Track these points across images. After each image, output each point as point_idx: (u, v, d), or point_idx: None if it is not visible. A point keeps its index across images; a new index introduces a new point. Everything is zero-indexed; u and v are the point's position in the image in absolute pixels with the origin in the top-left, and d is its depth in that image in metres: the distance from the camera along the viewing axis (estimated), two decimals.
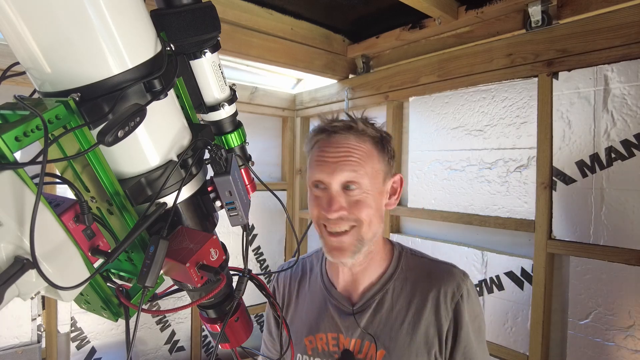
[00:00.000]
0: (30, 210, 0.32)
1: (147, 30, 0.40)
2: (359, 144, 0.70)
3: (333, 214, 0.67)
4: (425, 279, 0.73)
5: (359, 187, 0.68)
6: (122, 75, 0.37)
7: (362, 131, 0.71)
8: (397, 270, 0.75)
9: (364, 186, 0.68)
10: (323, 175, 0.69)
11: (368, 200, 0.69)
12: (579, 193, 1.09)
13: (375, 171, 0.71)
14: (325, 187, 0.70)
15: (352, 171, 0.68)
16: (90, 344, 1.52)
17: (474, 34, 1.32)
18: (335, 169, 0.68)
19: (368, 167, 0.69)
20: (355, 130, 0.71)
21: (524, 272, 1.20)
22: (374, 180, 0.70)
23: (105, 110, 0.37)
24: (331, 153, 0.69)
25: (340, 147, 0.69)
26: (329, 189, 0.69)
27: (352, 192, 0.69)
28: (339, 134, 0.70)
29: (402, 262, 0.76)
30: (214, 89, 0.51)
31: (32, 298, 0.38)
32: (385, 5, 1.34)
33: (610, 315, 1.04)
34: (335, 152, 0.69)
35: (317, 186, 0.71)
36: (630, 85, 1.01)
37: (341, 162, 0.68)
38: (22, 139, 0.33)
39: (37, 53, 0.35)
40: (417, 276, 0.73)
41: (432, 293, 0.70)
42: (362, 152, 0.70)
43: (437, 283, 0.71)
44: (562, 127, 1.12)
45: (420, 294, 0.71)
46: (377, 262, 0.75)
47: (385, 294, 0.73)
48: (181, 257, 0.41)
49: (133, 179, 0.42)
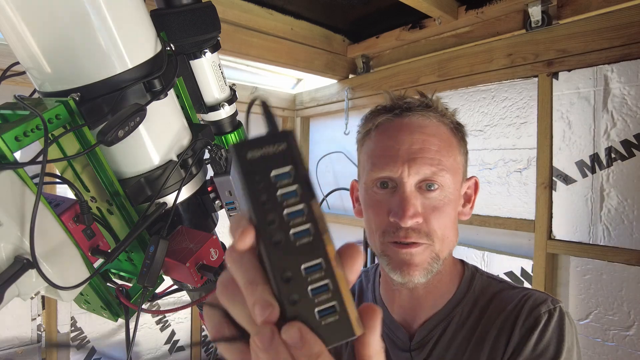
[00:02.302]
0: (30, 210, 0.32)
1: (147, 30, 0.40)
2: (438, 129, 0.53)
3: (407, 221, 0.50)
4: (497, 304, 0.54)
5: (440, 187, 0.52)
6: (122, 75, 0.37)
7: (442, 112, 0.55)
8: (467, 294, 0.57)
9: (445, 186, 0.52)
10: (393, 170, 0.51)
11: (448, 207, 0.53)
12: (578, 193, 1.09)
13: (456, 167, 0.55)
14: (394, 186, 0.53)
15: (432, 165, 0.51)
16: (91, 343, 1.52)
17: (474, 34, 1.32)
18: (411, 162, 0.51)
19: (450, 160, 0.53)
20: (434, 110, 0.54)
21: (524, 272, 1.20)
22: (455, 178, 0.54)
23: (105, 110, 0.37)
24: (404, 139, 0.52)
25: (415, 132, 0.52)
26: (401, 188, 0.51)
27: (431, 193, 0.52)
28: (413, 113, 0.53)
29: (474, 285, 0.57)
30: (214, 88, 0.51)
31: (32, 298, 0.38)
32: (385, 5, 1.34)
33: (610, 316, 1.04)
34: (409, 138, 0.52)
35: (383, 185, 0.53)
36: (630, 85, 1.01)
37: (418, 154, 0.51)
38: (22, 139, 0.33)
39: (37, 53, 0.35)
40: (488, 301, 0.55)
41: (499, 319, 0.52)
42: (442, 140, 0.53)
43: (510, 309, 0.52)
44: (562, 127, 1.12)
45: (487, 321, 0.53)
46: (444, 285, 0.57)
47: (449, 324, 0.55)
48: (181, 257, 0.41)
49: (133, 178, 0.42)
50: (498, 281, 0.58)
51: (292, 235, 0.21)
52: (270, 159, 0.21)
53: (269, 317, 0.20)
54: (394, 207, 0.51)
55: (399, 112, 0.54)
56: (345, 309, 0.21)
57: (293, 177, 0.21)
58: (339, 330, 0.21)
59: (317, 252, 0.21)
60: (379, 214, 0.53)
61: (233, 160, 0.21)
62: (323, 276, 0.21)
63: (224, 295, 0.23)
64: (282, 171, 0.21)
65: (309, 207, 0.21)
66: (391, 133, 0.53)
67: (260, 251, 0.21)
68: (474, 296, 0.56)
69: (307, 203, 0.21)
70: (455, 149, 0.55)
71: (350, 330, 0.21)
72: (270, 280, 0.21)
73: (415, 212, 0.51)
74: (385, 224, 0.53)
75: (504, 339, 0.51)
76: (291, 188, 0.21)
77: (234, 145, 0.21)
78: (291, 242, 0.21)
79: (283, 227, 0.21)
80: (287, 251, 0.20)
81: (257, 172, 0.21)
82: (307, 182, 0.21)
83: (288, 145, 0.21)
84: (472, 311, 0.55)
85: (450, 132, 0.55)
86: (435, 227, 0.52)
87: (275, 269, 0.20)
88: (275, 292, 0.20)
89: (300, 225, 0.21)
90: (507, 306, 0.53)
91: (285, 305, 0.20)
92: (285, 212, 0.21)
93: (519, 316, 0.51)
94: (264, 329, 0.20)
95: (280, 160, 0.21)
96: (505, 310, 0.53)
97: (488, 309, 0.54)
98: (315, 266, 0.21)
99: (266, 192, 0.21)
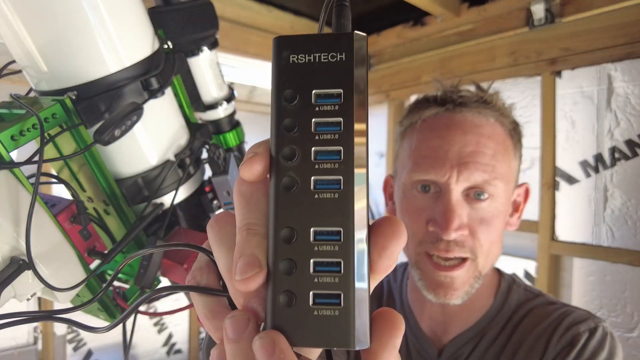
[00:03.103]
0: (26, 211, 0.31)
1: (144, 27, 0.39)
2: (494, 130, 0.47)
3: (451, 233, 0.44)
4: (532, 320, 0.49)
5: (490, 197, 0.46)
6: (119, 74, 0.37)
7: (501, 111, 0.48)
8: (502, 309, 0.51)
9: (497, 196, 0.46)
10: (439, 174, 0.45)
11: (497, 220, 0.47)
12: (582, 193, 1.08)
13: (510, 174, 0.49)
14: (438, 191, 0.47)
15: (484, 174, 0.45)
16: (87, 346, 1.52)
17: (477, 31, 1.31)
18: (462, 167, 0.45)
19: (504, 167, 0.47)
20: (492, 107, 0.48)
21: (527, 274, 1.19)
22: (507, 187, 0.48)
23: (102, 109, 0.36)
24: (455, 140, 0.45)
25: (469, 132, 0.46)
26: (447, 195, 0.45)
27: (480, 203, 0.46)
28: (468, 110, 0.47)
29: (511, 300, 0.52)
30: (212, 87, 0.51)
31: (28, 299, 0.38)
32: (387, 2, 1.33)
33: (613, 317, 1.03)
34: (461, 138, 0.45)
35: (424, 189, 0.47)
36: (634, 84, 1.00)
37: (471, 158, 0.45)
38: (18, 138, 0.32)
39: (33, 51, 0.35)
40: (523, 317, 0.50)
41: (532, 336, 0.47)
42: (498, 143, 0.47)
43: (545, 325, 0.47)
44: (566, 126, 1.11)
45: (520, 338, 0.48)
46: (480, 300, 0.51)
47: (480, 340, 0.50)
48: (179, 258, 0.41)
49: (130, 178, 0.41)
50: (536, 295, 0.52)
51: (313, 182, 0.15)
52: (318, 70, 0.15)
53: (248, 281, 0.15)
54: (436, 216, 0.45)
55: (451, 106, 0.47)
56: (350, 306, 0.15)
57: (340, 106, 0.15)
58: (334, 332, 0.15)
59: (340, 216, 0.15)
60: (417, 220, 0.47)
61: (272, 60, 0.16)
62: (337, 252, 0.15)
63: (214, 230, 0.18)
64: (328, 92, 0.15)
65: (349, 151, 0.15)
66: (441, 131, 0.46)
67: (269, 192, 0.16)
68: (509, 311, 0.50)
69: (349, 145, 0.15)
70: (510, 154, 0.49)
71: (347, 338, 0.15)
72: (269, 233, 0.16)
73: (460, 224, 0.45)
74: (422, 232, 0.47)
75: (536, 357, 0.46)
76: (333, 119, 0.15)
77: (277, 39, 0.16)
78: (310, 193, 0.15)
79: (306, 168, 0.15)
80: (301, 202, 0.15)
81: (295, 83, 0.15)
82: None
83: (348, 56, 0.15)
84: (505, 327, 0.50)
85: (507, 134, 0.49)
86: (482, 242, 0.46)
87: (278, 222, 0.15)
88: (268, 251, 0.15)
89: (329, 174, 0.15)
90: (542, 322, 0.47)
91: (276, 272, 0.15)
92: (314, 150, 0.15)
93: (554, 333, 0.46)
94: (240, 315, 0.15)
95: (331, 77, 0.15)
96: (539, 327, 0.47)
97: (522, 324, 0.49)
98: (331, 234, 0.15)
99: (298, 115, 0.15)
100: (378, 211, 1.64)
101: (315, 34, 0.16)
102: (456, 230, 0.44)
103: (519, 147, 0.52)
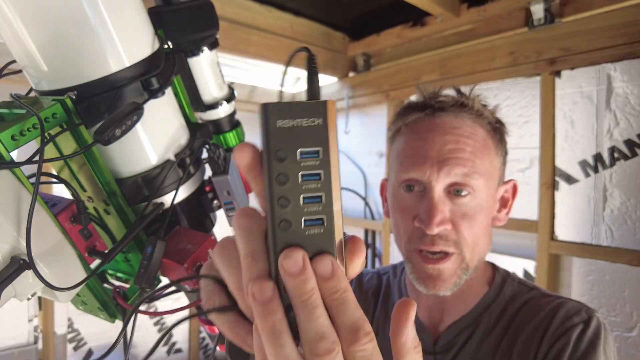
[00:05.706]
0: (27, 210, 0.31)
1: (144, 27, 0.39)
2: (473, 130, 0.50)
3: (433, 228, 0.48)
4: (527, 312, 0.51)
5: (471, 192, 0.49)
6: (119, 74, 0.37)
7: (479, 112, 0.52)
8: (496, 300, 0.54)
9: (477, 192, 0.49)
10: (421, 172, 0.49)
11: (480, 214, 0.50)
12: (581, 193, 1.08)
13: (492, 171, 0.52)
14: (422, 189, 0.50)
15: (464, 169, 0.48)
16: (87, 345, 1.52)
17: (476, 32, 1.31)
18: (442, 164, 0.48)
19: (485, 164, 0.50)
20: (469, 110, 0.51)
21: (527, 273, 1.20)
22: (489, 183, 0.51)
23: (102, 109, 0.36)
24: (435, 140, 0.49)
25: (448, 133, 0.49)
26: (429, 192, 0.49)
27: (461, 199, 0.49)
28: (446, 114, 0.51)
29: (504, 291, 0.55)
30: (212, 87, 0.51)
31: (28, 299, 0.38)
32: (386, 2, 1.33)
33: (613, 317, 1.03)
34: (440, 139, 0.49)
35: (409, 188, 0.51)
36: (633, 84, 1.00)
37: (450, 154, 0.48)
38: (18, 138, 0.32)
39: (33, 51, 0.35)
40: (517, 309, 0.52)
41: (528, 328, 0.49)
42: (477, 142, 0.50)
43: (541, 318, 0.49)
44: (565, 126, 1.11)
45: (516, 330, 0.50)
46: (473, 291, 0.55)
47: (475, 329, 0.53)
48: (179, 258, 0.41)
49: (130, 178, 0.41)
50: (530, 288, 0.55)
51: (303, 221, 0.19)
52: (301, 133, 0.19)
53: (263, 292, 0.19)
54: (420, 213, 0.49)
55: (430, 111, 0.51)
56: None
57: (321, 160, 0.19)
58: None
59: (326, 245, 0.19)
60: (405, 218, 0.51)
61: (260, 123, 0.20)
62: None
63: (221, 257, 0.22)
64: (310, 150, 0.19)
65: (329, 196, 0.19)
66: (422, 134, 0.51)
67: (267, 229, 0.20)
68: (503, 302, 0.53)
69: (328, 191, 0.19)
70: (491, 151, 0.52)
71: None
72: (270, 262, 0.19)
73: (442, 219, 0.48)
74: (411, 229, 0.51)
75: (532, 350, 0.48)
76: (315, 171, 0.19)
77: (264, 107, 0.19)
78: (301, 229, 0.19)
79: (296, 210, 0.19)
80: (294, 238, 0.19)
81: (283, 145, 0.19)
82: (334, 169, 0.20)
83: (324, 122, 0.19)
84: (500, 318, 0.52)
85: (487, 134, 0.52)
86: (465, 235, 0.49)
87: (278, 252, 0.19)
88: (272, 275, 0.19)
89: (315, 215, 0.19)
90: (537, 315, 0.50)
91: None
92: (303, 196, 0.19)
93: (549, 326, 0.48)
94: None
95: (312, 138, 0.19)
96: (534, 319, 0.50)
97: (517, 316, 0.51)
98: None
99: (287, 169, 0.19)
100: (378, 211, 1.65)
101: (295, 103, 0.19)
102: (438, 225, 0.48)
103: (501, 145, 0.55)
